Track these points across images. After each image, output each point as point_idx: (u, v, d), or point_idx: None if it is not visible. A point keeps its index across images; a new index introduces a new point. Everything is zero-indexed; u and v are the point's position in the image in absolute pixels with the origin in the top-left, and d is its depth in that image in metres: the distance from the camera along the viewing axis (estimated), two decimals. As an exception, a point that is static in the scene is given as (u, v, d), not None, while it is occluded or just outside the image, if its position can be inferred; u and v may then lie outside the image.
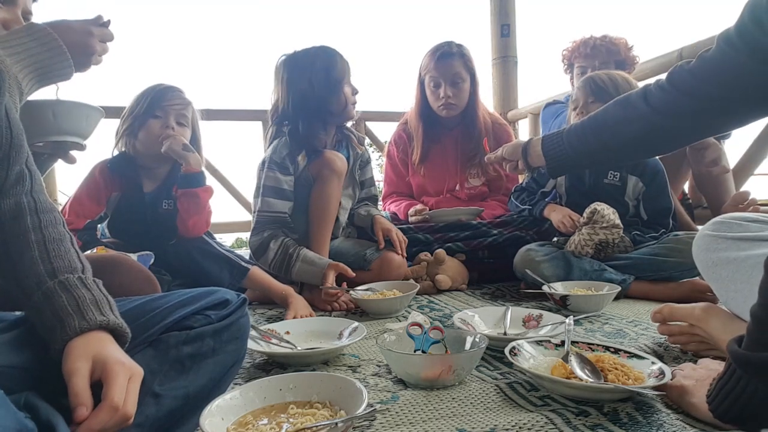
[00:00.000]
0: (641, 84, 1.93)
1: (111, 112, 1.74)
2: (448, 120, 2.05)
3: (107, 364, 0.52)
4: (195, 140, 1.55)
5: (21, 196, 0.64)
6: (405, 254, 1.67)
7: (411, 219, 1.93)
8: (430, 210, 2.00)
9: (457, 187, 2.08)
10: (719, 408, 0.59)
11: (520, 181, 1.98)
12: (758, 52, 0.71)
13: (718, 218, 0.91)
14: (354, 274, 1.49)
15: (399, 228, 1.76)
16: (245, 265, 1.50)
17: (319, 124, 1.63)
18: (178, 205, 1.44)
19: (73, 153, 0.97)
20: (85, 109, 0.94)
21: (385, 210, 2.13)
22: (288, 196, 1.62)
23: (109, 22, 0.86)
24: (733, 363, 0.55)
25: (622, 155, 1.09)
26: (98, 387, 0.51)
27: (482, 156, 2.00)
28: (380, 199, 2.18)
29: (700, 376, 0.69)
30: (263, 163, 1.63)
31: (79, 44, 0.80)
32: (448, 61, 1.94)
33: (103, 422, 0.48)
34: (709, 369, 0.70)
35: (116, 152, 1.52)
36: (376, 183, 2.00)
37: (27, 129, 0.76)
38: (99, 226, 1.53)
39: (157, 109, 1.45)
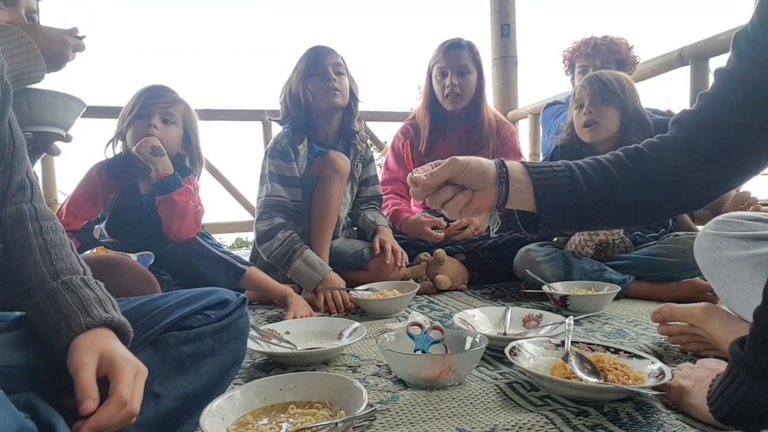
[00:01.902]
0: (640, 84, 1.95)
1: (111, 112, 1.75)
2: (454, 115, 2.05)
3: (114, 360, 0.52)
4: (189, 140, 1.54)
5: (22, 204, 0.65)
6: (401, 264, 1.65)
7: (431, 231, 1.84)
8: (429, 210, 2.00)
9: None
10: (720, 410, 0.59)
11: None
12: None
13: (720, 217, 0.91)
14: (348, 301, 1.48)
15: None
16: (241, 266, 1.50)
17: (312, 115, 1.68)
18: (159, 212, 1.41)
19: (58, 144, 0.97)
20: (63, 99, 0.91)
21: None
22: (294, 183, 1.66)
23: (84, 36, 0.89)
24: (735, 366, 0.55)
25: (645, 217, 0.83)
26: (102, 384, 0.51)
27: (486, 151, 2.00)
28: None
29: (698, 376, 0.69)
30: (265, 153, 1.70)
31: (53, 51, 0.84)
32: (456, 51, 1.95)
33: (111, 416, 0.48)
34: (708, 368, 0.70)
35: (112, 153, 1.52)
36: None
37: None
38: (97, 227, 1.53)
39: (143, 109, 1.44)
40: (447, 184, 0.71)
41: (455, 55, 1.95)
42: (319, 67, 1.64)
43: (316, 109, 1.67)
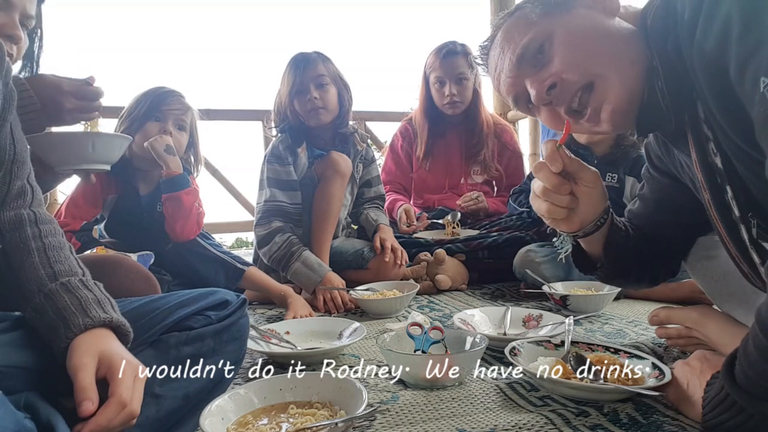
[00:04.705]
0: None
1: (109, 111, 1.75)
2: (453, 117, 2.07)
3: (114, 361, 0.52)
4: (192, 144, 1.55)
5: (21, 209, 0.65)
6: (400, 263, 1.65)
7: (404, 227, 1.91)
8: (430, 208, 2.01)
9: (462, 181, 2.10)
10: (713, 427, 0.60)
11: (520, 183, 1.98)
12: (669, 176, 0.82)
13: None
14: (348, 301, 1.48)
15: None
16: (240, 266, 1.50)
17: (304, 125, 1.68)
18: (164, 210, 1.42)
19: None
20: (119, 140, 1.01)
21: None
22: (292, 186, 1.66)
23: (93, 79, 0.88)
24: (730, 392, 0.56)
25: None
26: (102, 385, 0.51)
27: (486, 153, 2.02)
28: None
29: (690, 374, 0.69)
30: (264, 158, 1.71)
31: (47, 98, 0.83)
32: (452, 59, 1.96)
33: (111, 418, 0.48)
34: (700, 363, 0.69)
35: None
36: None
37: (63, 156, 0.87)
38: (96, 227, 1.53)
39: (156, 113, 1.44)
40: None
41: (452, 63, 1.95)
42: (300, 85, 1.62)
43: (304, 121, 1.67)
